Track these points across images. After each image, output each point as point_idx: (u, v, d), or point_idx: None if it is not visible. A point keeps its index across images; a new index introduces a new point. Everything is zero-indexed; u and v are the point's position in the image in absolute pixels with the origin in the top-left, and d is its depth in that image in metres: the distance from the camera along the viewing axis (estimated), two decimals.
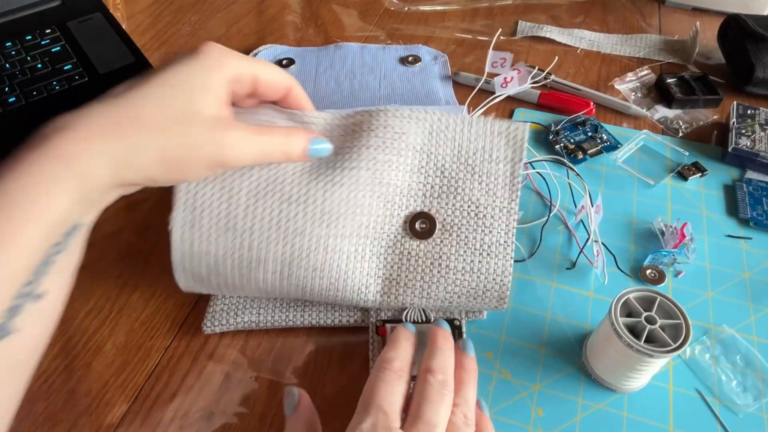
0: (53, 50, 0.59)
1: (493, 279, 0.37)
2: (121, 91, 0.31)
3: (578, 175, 0.46)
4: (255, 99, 0.36)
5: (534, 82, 0.55)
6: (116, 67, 0.59)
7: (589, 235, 0.43)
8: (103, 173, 0.28)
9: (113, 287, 0.42)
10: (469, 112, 0.54)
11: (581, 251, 0.43)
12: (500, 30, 0.59)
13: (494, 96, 0.54)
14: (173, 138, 0.30)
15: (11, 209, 0.25)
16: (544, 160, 0.48)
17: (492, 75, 0.55)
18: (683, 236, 0.42)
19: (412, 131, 0.37)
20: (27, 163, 0.26)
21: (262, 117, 0.36)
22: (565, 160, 0.48)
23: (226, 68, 0.32)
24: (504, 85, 0.54)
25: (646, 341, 0.32)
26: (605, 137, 0.53)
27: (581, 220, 0.45)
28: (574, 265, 0.43)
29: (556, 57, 0.61)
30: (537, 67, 0.57)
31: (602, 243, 0.42)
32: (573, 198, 0.47)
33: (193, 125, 0.31)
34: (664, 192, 0.48)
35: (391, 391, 0.31)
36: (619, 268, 0.43)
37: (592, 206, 0.43)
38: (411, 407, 0.31)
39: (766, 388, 0.36)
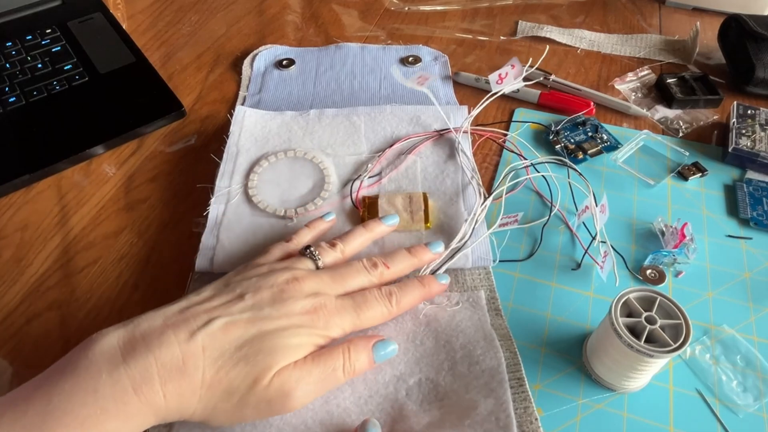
0: (53, 50, 0.59)
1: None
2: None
3: (581, 175, 0.46)
4: None
5: (534, 82, 0.55)
6: (116, 67, 0.59)
7: (593, 236, 0.43)
8: (148, 422, 0.29)
9: (113, 287, 0.42)
10: (468, 112, 0.53)
11: (586, 252, 0.43)
12: (530, 60, 0.55)
13: (491, 94, 0.54)
14: (235, 404, 0.30)
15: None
16: (545, 161, 0.48)
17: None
18: (683, 236, 0.42)
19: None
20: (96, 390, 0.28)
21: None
22: (567, 161, 0.48)
23: (328, 336, 0.33)
24: (499, 81, 0.54)
25: (646, 341, 0.32)
26: (605, 137, 0.53)
27: (583, 222, 0.45)
28: (579, 265, 0.43)
29: (558, 57, 0.61)
30: (537, 68, 0.57)
31: (611, 245, 0.42)
32: (573, 198, 0.47)
33: (258, 392, 0.30)
34: (664, 192, 0.48)
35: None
36: (620, 267, 0.43)
37: (597, 206, 0.43)
38: None
39: (766, 388, 0.36)
